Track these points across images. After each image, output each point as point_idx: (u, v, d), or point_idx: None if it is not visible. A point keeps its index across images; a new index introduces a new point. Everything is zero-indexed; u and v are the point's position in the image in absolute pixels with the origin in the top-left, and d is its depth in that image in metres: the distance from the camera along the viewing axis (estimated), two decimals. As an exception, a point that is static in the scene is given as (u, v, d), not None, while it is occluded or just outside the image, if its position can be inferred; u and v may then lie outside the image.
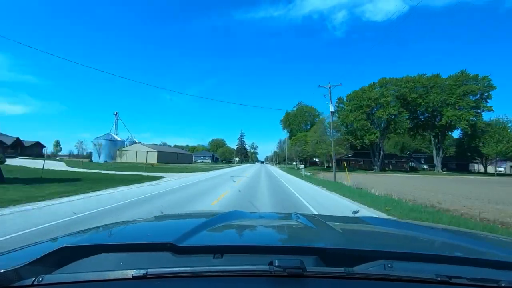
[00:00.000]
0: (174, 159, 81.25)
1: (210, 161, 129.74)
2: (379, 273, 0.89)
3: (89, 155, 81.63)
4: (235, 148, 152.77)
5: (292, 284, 0.86)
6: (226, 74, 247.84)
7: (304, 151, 62.17)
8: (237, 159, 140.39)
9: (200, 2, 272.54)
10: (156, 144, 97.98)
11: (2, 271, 0.84)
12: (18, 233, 5.26)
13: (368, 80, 67.37)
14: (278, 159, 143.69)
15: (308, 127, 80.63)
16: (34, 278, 0.85)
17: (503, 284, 0.86)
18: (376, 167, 56.31)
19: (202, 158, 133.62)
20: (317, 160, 77.14)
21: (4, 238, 4.92)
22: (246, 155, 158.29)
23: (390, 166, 61.49)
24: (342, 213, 6.77)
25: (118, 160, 74.95)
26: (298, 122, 79.06)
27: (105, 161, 75.80)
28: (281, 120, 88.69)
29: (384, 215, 8.65)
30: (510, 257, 1.04)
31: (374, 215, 7.84)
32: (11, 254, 1.07)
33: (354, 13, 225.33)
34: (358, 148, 56.37)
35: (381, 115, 51.48)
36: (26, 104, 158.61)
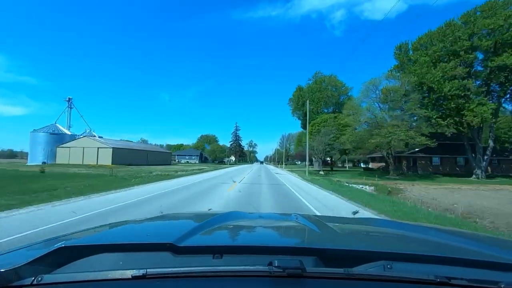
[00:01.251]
0: (141, 159, 58.76)
1: (197, 161, 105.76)
2: (378, 274, 0.90)
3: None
4: (229, 146, 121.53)
5: (291, 285, 0.86)
6: (225, 74, 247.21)
7: (334, 143, 32.06)
8: (233, 158, 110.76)
9: (199, 2, 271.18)
10: (120, 140, 67.84)
11: (1, 270, 0.84)
12: None
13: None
14: (279, 158, 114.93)
15: (331, 110, 50.16)
16: (33, 278, 0.85)
17: (502, 286, 0.86)
18: (478, 172, 26.07)
19: (187, 157, 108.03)
20: (328, 159, 54.47)
21: None
22: (242, 154, 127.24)
23: (489, 169, 31.41)
24: None
25: (60, 160, 54.58)
26: (317, 100, 48.91)
27: (44, 162, 53.18)
28: (290, 100, 58.87)
29: None
30: (510, 258, 1.06)
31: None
32: (10, 253, 1.08)
33: (352, 12, 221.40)
34: (448, 134, 26.39)
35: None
36: (24, 105, 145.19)
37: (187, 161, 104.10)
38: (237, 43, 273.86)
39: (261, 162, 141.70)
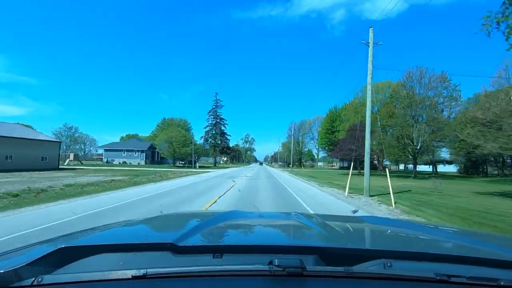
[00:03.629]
0: None
1: (142, 161, 66.65)
2: (378, 273, 0.93)
3: None
4: (204, 135, 67.34)
5: (292, 284, 0.90)
6: (225, 73, 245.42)
7: None
8: (223, 159, 61.58)
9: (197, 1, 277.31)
10: None
11: (1, 271, 0.87)
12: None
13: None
14: (284, 157, 65.15)
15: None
16: (33, 279, 0.88)
17: (502, 283, 0.89)
18: None
19: (125, 154, 68.80)
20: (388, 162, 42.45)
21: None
22: (227, 149, 72.36)
23: None
24: None
25: None
26: None
27: None
28: None
29: None
30: (510, 256, 1.12)
31: None
32: (10, 254, 1.14)
33: (352, 12, 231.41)
34: None
35: None
36: (23, 105, 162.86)
37: (124, 161, 66.16)
38: (236, 43, 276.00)
39: (261, 163, 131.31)
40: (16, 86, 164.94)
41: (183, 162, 64.23)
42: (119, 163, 62.86)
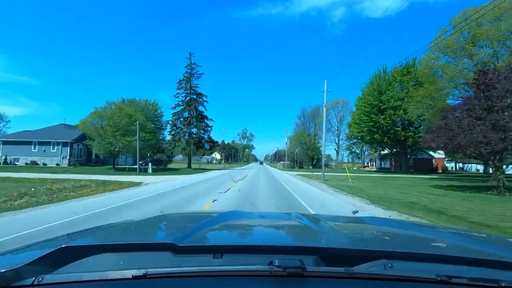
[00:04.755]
0: None
1: (66, 160, 42.29)
2: (379, 273, 1.00)
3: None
4: (170, 120, 39.50)
5: (292, 284, 0.97)
6: (224, 73, 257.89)
7: None
8: (217, 158, 46.12)
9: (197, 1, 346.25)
10: None
11: (2, 271, 0.93)
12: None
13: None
14: (296, 156, 70.89)
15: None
16: (34, 278, 0.94)
17: (503, 284, 0.95)
18: None
19: (35, 150, 43.33)
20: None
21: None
22: (207, 142, 43.43)
23: None
24: None
25: None
26: None
27: None
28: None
29: None
30: (510, 257, 1.22)
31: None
32: (11, 254, 1.26)
33: (352, 10, 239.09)
34: None
35: None
36: (23, 105, 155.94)
37: (34, 161, 41.95)
38: (236, 42, 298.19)
39: (261, 162, 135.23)
40: (16, 86, 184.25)
41: (142, 163, 39.00)
42: (26, 163, 40.71)
